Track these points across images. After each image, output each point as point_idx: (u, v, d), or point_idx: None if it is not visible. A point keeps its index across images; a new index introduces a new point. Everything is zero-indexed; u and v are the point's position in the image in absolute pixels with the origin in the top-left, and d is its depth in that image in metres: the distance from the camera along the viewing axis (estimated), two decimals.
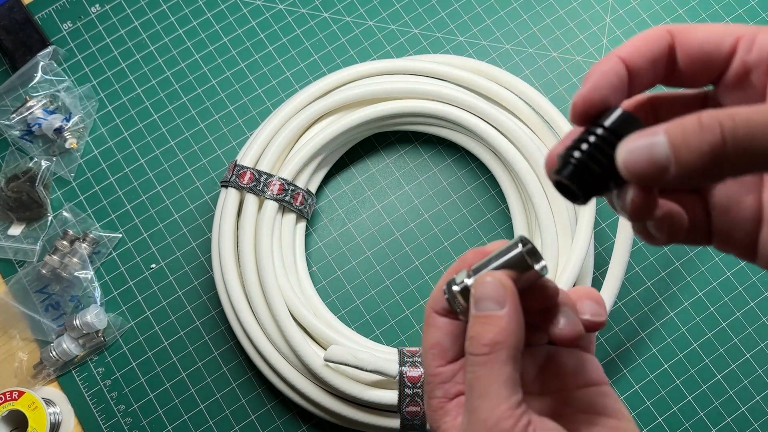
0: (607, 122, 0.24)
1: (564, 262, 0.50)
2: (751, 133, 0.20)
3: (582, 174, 0.24)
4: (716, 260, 0.55)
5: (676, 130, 0.21)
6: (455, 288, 0.29)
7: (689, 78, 0.27)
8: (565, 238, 0.50)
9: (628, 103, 0.28)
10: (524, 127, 0.54)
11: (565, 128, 0.52)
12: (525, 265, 0.28)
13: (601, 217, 0.56)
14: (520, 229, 0.54)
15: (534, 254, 0.28)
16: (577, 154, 0.24)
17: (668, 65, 0.26)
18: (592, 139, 0.24)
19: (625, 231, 0.50)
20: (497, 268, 0.28)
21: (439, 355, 0.30)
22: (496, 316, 0.27)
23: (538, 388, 0.30)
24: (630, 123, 0.24)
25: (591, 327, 0.30)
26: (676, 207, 0.26)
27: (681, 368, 0.53)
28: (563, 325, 0.29)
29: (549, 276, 0.50)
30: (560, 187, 0.25)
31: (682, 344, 0.53)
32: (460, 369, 0.30)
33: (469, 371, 0.27)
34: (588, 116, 0.25)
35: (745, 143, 0.21)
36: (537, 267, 0.28)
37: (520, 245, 0.28)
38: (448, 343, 0.30)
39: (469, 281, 0.29)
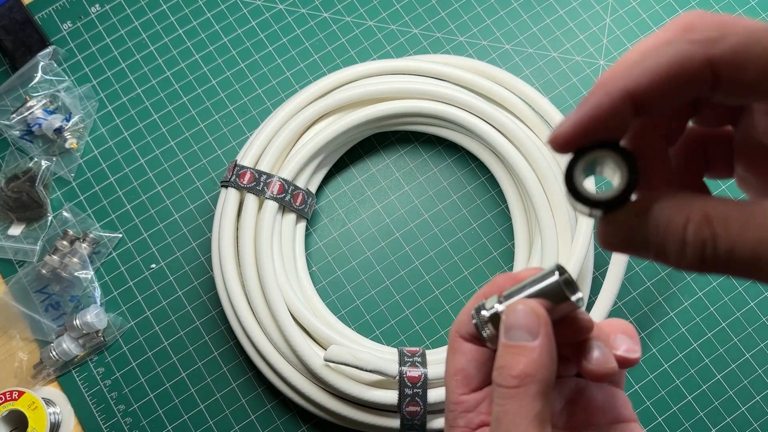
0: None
1: (564, 262, 0.50)
2: (733, 257, 0.19)
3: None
4: None
5: (661, 225, 0.20)
6: (484, 313, 0.28)
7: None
8: (565, 239, 0.50)
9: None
10: (524, 127, 0.54)
11: None
12: (561, 296, 0.26)
13: None
14: (520, 229, 0.54)
15: (570, 285, 0.27)
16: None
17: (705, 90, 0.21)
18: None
19: None
20: (531, 296, 0.27)
21: (463, 382, 0.28)
22: (529, 347, 0.25)
23: (564, 422, 0.29)
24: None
25: (624, 363, 0.28)
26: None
27: (681, 368, 0.53)
28: (596, 360, 0.27)
29: None
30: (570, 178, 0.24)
31: (682, 344, 0.53)
32: (484, 398, 0.28)
33: (496, 404, 0.26)
34: (569, 150, 0.23)
35: (723, 266, 0.20)
36: (573, 298, 0.26)
37: (557, 273, 0.26)
38: (472, 371, 0.29)
39: (500, 307, 0.27)
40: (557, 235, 0.50)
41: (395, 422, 0.48)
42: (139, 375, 0.53)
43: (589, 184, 0.51)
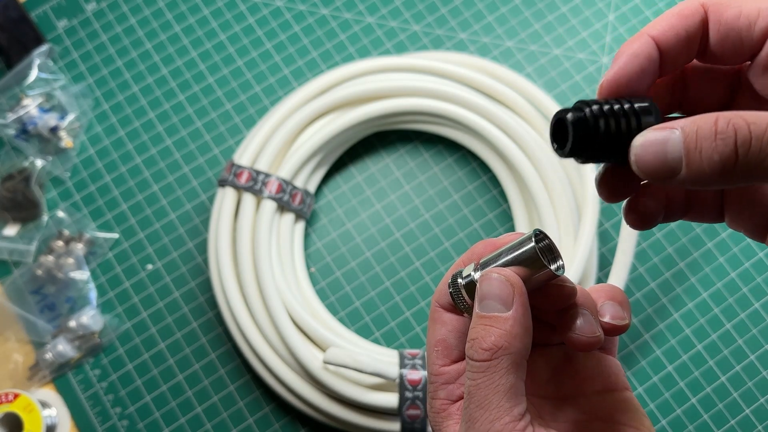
0: (633, 103, 0.23)
1: (567, 262, 0.49)
2: (764, 151, 0.20)
3: (587, 131, 0.23)
4: (720, 261, 0.54)
5: (692, 131, 0.21)
6: (460, 281, 0.27)
7: (721, 57, 0.25)
8: (568, 239, 0.50)
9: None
10: (526, 125, 0.53)
11: None
12: (538, 263, 0.25)
13: (604, 218, 0.56)
14: (522, 229, 0.53)
15: (550, 251, 0.26)
16: (594, 108, 0.23)
17: (702, 42, 0.25)
18: (614, 107, 0.23)
19: (628, 232, 0.49)
20: (507, 264, 0.26)
21: (444, 353, 0.28)
22: (501, 317, 0.25)
23: (552, 392, 0.28)
24: (651, 113, 0.23)
25: (612, 331, 0.27)
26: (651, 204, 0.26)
27: (685, 370, 0.52)
28: (580, 329, 0.26)
29: None
30: (558, 125, 0.24)
31: (686, 346, 0.53)
32: (463, 375, 0.28)
33: (468, 377, 0.25)
34: (618, 88, 0.24)
35: (756, 160, 0.20)
36: (553, 267, 0.25)
37: (533, 240, 0.25)
38: (453, 341, 0.28)
39: (475, 276, 0.26)
40: (560, 235, 0.50)
41: (396, 426, 0.47)
42: (135, 377, 0.53)
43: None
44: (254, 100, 0.59)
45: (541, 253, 0.25)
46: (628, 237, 0.49)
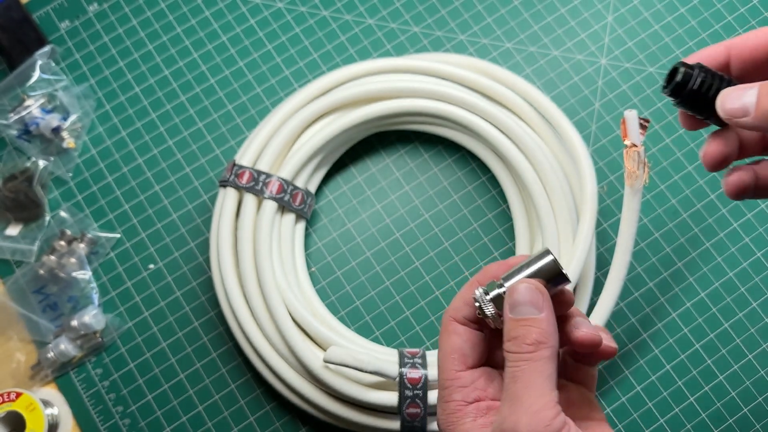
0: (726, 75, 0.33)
1: (565, 262, 0.50)
2: None
3: (685, 87, 0.32)
4: (718, 261, 0.55)
5: (764, 90, 0.29)
6: (488, 296, 0.31)
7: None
8: (567, 239, 0.50)
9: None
10: (525, 126, 0.53)
11: (566, 127, 0.52)
12: (555, 272, 0.30)
13: (603, 217, 0.56)
14: (521, 229, 0.54)
15: (559, 263, 0.31)
16: (696, 72, 0.32)
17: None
18: (709, 77, 0.32)
19: (626, 231, 0.49)
20: (530, 276, 0.31)
21: (459, 360, 0.32)
22: (537, 319, 0.29)
23: None
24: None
25: (605, 350, 0.32)
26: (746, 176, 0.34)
27: (683, 369, 0.53)
28: (584, 329, 0.32)
29: None
30: (674, 72, 0.32)
31: (683, 345, 0.53)
32: (479, 377, 0.31)
33: (511, 366, 0.29)
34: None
35: None
36: (564, 272, 0.30)
37: (550, 255, 0.31)
38: (468, 350, 0.32)
39: (501, 290, 0.31)
40: (558, 235, 0.50)
41: (395, 424, 0.48)
42: (137, 376, 0.53)
43: None
44: (255, 101, 0.59)
45: (558, 263, 0.31)
46: (626, 237, 0.49)
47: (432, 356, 0.48)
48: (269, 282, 0.49)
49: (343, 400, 0.48)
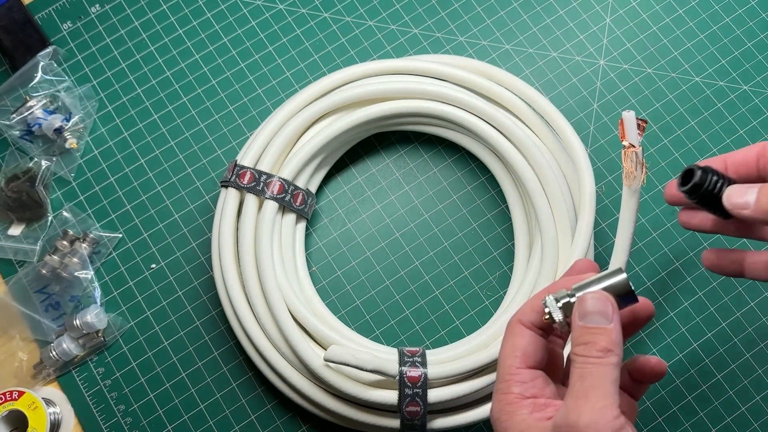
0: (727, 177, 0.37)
1: (564, 262, 0.50)
2: None
3: (700, 186, 0.37)
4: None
5: (763, 191, 0.35)
6: (559, 303, 0.33)
7: None
8: (565, 239, 0.50)
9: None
10: (524, 127, 0.54)
11: (564, 128, 0.52)
12: (626, 290, 0.33)
13: (601, 217, 0.56)
14: (520, 229, 0.54)
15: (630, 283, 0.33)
16: (708, 175, 0.37)
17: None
18: (718, 179, 0.37)
19: (625, 231, 0.50)
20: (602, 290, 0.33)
21: (522, 358, 0.34)
22: (606, 328, 0.32)
23: None
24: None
25: (660, 373, 0.37)
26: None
27: (681, 368, 0.53)
28: (653, 359, 0.37)
29: (548, 276, 0.50)
30: (689, 173, 0.37)
31: (681, 344, 0.53)
32: (537, 377, 0.33)
33: (580, 367, 0.31)
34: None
35: None
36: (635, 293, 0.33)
37: (623, 273, 0.33)
38: (530, 351, 0.34)
39: (572, 299, 0.33)
40: (557, 235, 0.50)
41: (395, 422, 0.48)
42: (139, 375, 0.53)
43: None
44: (257, 102, 0.59)
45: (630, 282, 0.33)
46: (624, 237, 0.49)
47: (431, 355, 0.49)
48: (270, 281, 0.49)
49: (344, 398, 0.48)
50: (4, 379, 0.53)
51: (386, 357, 0.47)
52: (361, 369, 0.45)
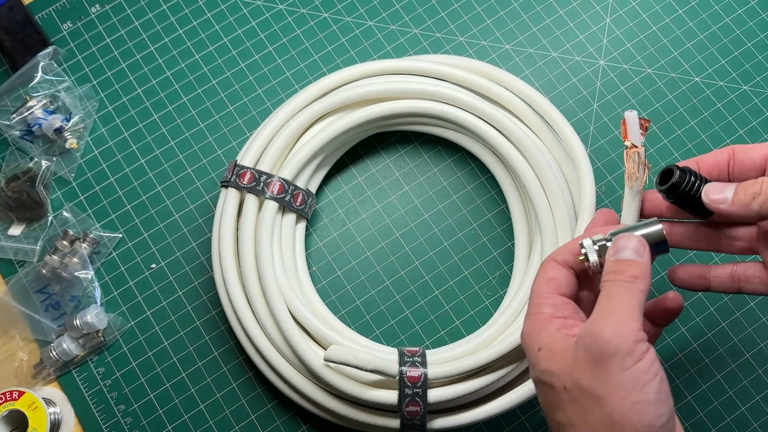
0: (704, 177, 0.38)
1: None
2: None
3: (679, 185, 0.37)
4: (716, 260, 0.55)
5: (740, 187, 0.36)
6: (598, 244, 0.35)
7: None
8: (565, 239, 0.50)
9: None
10: (524, 127, 0.54)
11: (564, 128, 0.52)
12: (660, 239, 0.35)
13: None
14: (520, 229, 0.54)
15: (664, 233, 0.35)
16: (687, 175, 0.37)
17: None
18: (696, 179, 0.38)
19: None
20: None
21: (555, 287, 0.35)
22: (637, 261, 0.33)
23: None
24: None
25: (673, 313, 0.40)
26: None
27: (681, 368, 0.53)
28: (672, 293, 0.39)
29: None
30: (668, 173, 0.38)
31: (681, 344, 0.53)
32: (568, 303, 0.35)
33: (608, 287, 0.33)
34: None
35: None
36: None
37: (659, 224, 0.35)
38: (562, 282, 0.36)
39: (608, 243, 0.35)
40: (557, 234, 0.50)
41: (395, 422, 0.48)
42: (139, 375, 0.53)
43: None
44: (257, 102, 0.59)
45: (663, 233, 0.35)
46: None
47: (431, 355, 0.49)
48: (270, 281, 0.49)
49: (344, 398, 0.48)
50: (4, 379, 0.53)
51: (386, 357, 0.47)
52: (361, 369, 0.45)
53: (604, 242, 0.36)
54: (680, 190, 0.37)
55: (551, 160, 0.52)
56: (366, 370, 0.45)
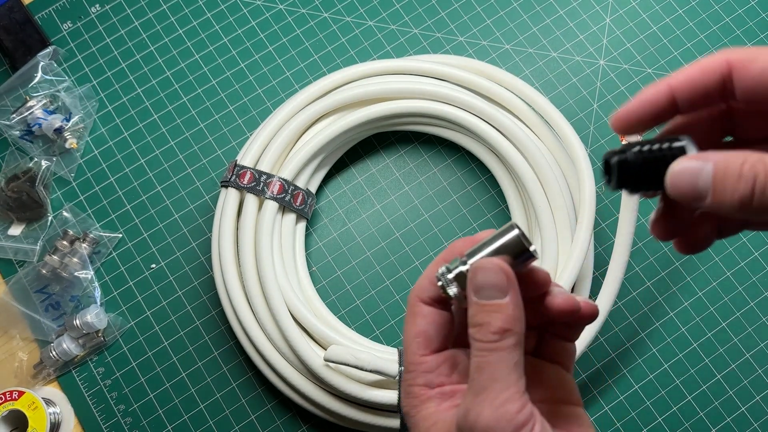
0: (670, 142, 0.27)
1: (564, 262, 0.50)
2: None
3: (628, 170, 0.27)
4: (716, 260, 0.55)
5: (721, 168, 0.24)
6: (451, 275, 0.29)
7: (754, 103, 0.27)
8: (565, 239, 0.50)
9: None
10: (524, 127, 0.54)
11: (564, 128, 0.52)
12: (521, 247, 0.28)
13: (601, 217, 0.56)
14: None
15: (525, 237, 0.28)
16: (634, 150, 0.27)
17: (727, 92, 0.27)
18: (651, 147, 0.27)
19: (625, 231, 0.50)
20: (493, 253, 0.28)
21: (424, 344, 0.30)
22: (502, 304, 0.27)
23: None
24: (685, 152, 0.26)
25: (585, 312, 0.30)
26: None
27: (681, 368, 0.53)
28: (560, 298, 0.30)
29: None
30: (606, 166, 0.28)
31: (682, 344, 0.53)
32: (444, 361, 0.30)
33: (476, 356, 0.27)
34: (626, 132, 0.28)
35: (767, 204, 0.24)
36: (531, 248, 0.28)
37: (516, 229, 0.28)
38: (433, 333, 0.30)
39: (464, 267, 0.29)
40: (557, 234, 0.50)
41: (395, 422, 0.48)
42: (139, 375, 0.53)
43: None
44: (256, 102, 0.59)
45: (523, 238, 0.28)
46: (624, 237, 0.49)
47: None
48: (270, 281, 0.49)
49: (344, 398, 0.48)
50: (4, 378, 0.53)
51: (386, 357, 0.47)
52: (361, 369, 0.45)
53: (460, 268, 0.29)
54: (633, 184, 0.27)
55: (551, 160, 0.52)
56: (366, 370, 0.45)
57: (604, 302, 0.49)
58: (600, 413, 0.52)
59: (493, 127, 0.52)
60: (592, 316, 0.31)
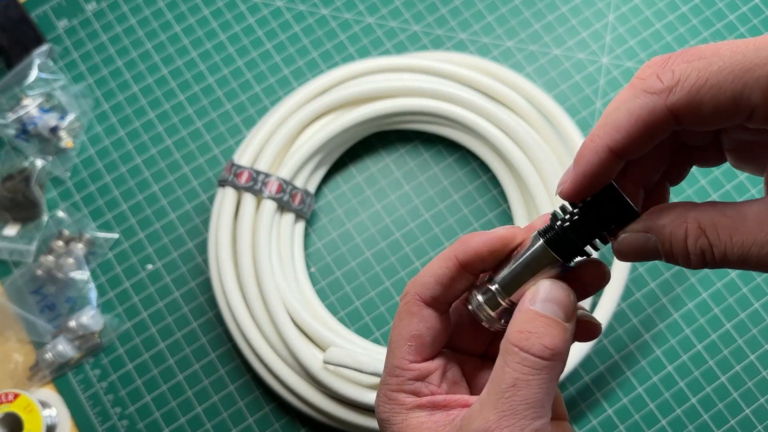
0: (600, 209, 0.25)
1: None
2: (732, 260, 0.23)
3: (562, 243, 0.26)
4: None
5: (666, 241, 0.24)
6: (481, 297, 0.27)
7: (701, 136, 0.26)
8: None
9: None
10: (526, 125, 0.53)
11: (567, 126, 0.52)
12: (552, 261, 0.26)
13: None
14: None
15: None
16: (564, 224, 0.26)
17: (675, 141, 0.26)
18: (580, 217, 0.26)
19: None
20: (523, 270, 0.26)
21: (417, 349, 0.27)
22: (562, 325, 0.25)
23: None
24: (621, 208, 0.25)
25: (590, 331, 0.28)
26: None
27: (685, 370, 0.53)
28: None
29: None
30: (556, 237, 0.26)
31: (685, 346, 0.53)
32: (435, 369, 0.27)
33: (516, 370, 0.24)
34: (576, 199, 0.25)
35: (726, 265, 0.23)
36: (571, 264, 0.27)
37: (541, 240, 0.26)
38: (429, 339, 0.27)
39: (493, 286, 0.27)
40: None
41: None
42: (135, 377, 0.53)
43: None
44: (254, 101, 0.59)
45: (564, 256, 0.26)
46: None
47: None
48: (268, 282, 0.48)
49: (343, 401, 0.48)
50: None
51: None
52: (361, 371, 0.45)
53: (489, 290, 0.27)
54: (573, 255, 0.26)
55: (554, 159, 0.52)
56: (365, 373, 0.45)
57: (608, 304, 0.49)
58: (603, 416, 0.52)
59: (495, 125, 0.52)
60: (594, 333, 0.29)
